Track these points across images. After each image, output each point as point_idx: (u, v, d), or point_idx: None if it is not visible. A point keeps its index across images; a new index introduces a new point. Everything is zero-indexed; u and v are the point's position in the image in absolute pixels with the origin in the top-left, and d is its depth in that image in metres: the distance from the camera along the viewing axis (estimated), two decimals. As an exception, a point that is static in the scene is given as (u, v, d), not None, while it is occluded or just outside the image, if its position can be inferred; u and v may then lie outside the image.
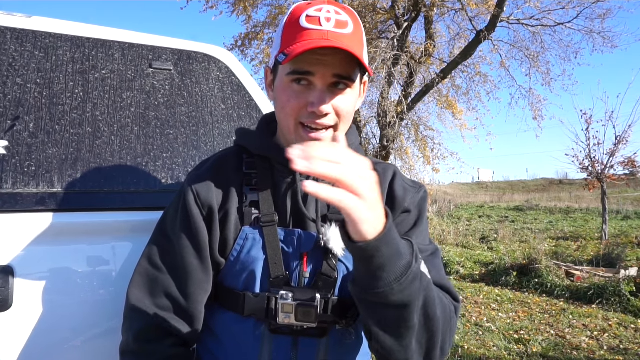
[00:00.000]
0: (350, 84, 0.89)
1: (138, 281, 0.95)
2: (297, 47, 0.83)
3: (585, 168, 10.76)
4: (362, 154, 1.02)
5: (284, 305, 0.89)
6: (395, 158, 10.27)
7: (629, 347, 4.00)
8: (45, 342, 1.07)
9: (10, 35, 1.19)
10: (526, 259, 6.59)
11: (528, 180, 47.52)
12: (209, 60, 1.45)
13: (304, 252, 0.94)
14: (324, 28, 0.85)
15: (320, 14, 0.87)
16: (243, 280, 0.94)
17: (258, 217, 0.94)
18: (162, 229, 0.98)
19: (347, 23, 0.88)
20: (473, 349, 3.89)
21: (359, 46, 0.89)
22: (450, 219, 15.54)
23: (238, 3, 9.73)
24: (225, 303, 0.97)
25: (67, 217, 1.11)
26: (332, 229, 0.91)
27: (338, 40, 0.84)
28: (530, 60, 9.79)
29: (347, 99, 0.89)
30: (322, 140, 0.90)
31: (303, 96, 0.87)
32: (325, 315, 0.91)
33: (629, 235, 10.18)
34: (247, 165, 0.99)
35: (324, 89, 0.87)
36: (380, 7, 9.44)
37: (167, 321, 0.92)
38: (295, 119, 0.89)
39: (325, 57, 0.84)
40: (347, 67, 0.87)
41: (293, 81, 0.88)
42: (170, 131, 1.31)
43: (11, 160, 1.09)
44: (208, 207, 0.93)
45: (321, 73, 0.86)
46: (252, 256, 0.93)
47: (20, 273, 1.04)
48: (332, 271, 0.93)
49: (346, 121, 0.92)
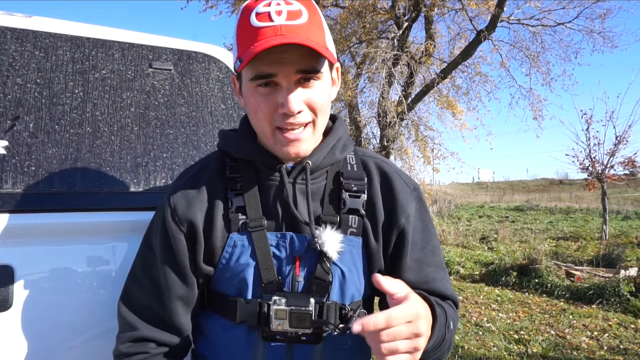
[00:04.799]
0: (317, 75, 0.85)
1: (125, 294, 0.95)
2: (252, 50, 0.79)
3: (586, 168, 10.76)
4: (352, 145, 1.00)
5: (277, 310, 0.85)
6: (395, 158, 10.27)
7: (628, 347, 4.00)
8: (46, 342, 1.07)
9: (10, 35, 1.19)
10: (526, 259, 6.59)
11: (528, 180, 47.52)
12: (209, 60, 1.45)
13: (297, 255, 0.91)
14: (275, 23, 0.81)
15: (270, 8, 0.82)
16: (234, 286, 0.91)
17: (245, 222, 0.90)
18: (148, 240, 0.96)
19: (300, 12, 0.83)
20: (473, 349, 3.88)
21: (317, 34, 0.84)
22: (450, 219, 15.53)
23: (238, 3, 9.73)
24: (218, 309, 0.95)
25: (67, 217, 1.11)
26: (327, 232, 0.89)
27: (293, 33, 0.80)
28: (531, 60, 9.80)
29: (317, 92, 0.86)
30: (300, 140, 0.87)
31: (271, 98, 0.84)
32: (320, 321, 0.88)
33: (629, 236, 10.18)
34: (231, 169, 0.95)
35: (291, 87, 0.83)
36: (380, 7, 9.43)
37: (154, 333, 0.92)
38: (269, 124, 0.86)
39: (284, 54, 0.80)
40: (310, 60, 0.83)
41: (258, 85, 0.84)
42: (170, 131, 1.31)
43: (11, 160, 1.09)
44: (187, 222, 0.90)
45: (283, 72, 0.82)
46: (241, 263, 0.90)
47: (20, 273, 1.04)
48: (327, 274, 0.90)
49: (323, 114, 0.89)
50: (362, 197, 0.94)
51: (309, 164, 0.92)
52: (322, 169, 0.95)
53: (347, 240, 0.91)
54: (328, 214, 0.92)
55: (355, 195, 0.94)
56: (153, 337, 0.92)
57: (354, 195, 0.94)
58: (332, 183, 0.96)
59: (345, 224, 0.93)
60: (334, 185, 0.95)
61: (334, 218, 0.92)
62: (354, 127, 10.02)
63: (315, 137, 0.91)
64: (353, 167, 0.98)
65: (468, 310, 5.17)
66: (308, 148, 0.90)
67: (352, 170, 0.97)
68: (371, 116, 10.27)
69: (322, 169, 0.95)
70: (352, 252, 0.92)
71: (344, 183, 0.94)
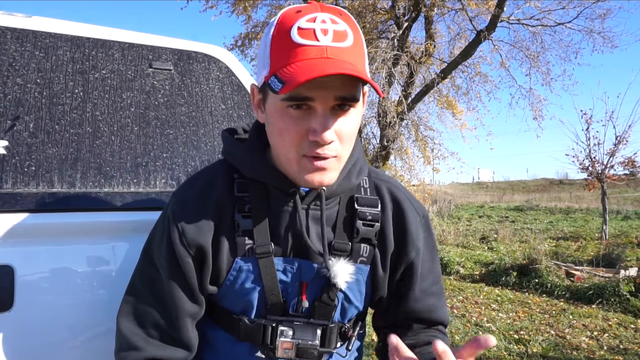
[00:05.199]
0: (354, 104, 0.79)
1: (127, 310, 0.90)
2: (295, 71, 0.72)
3: (586, 168, 10.76)
4: (367, 168, 0.96)
5: (283, 342, 0.87)
6: (395, 158, 10.27)
7: (628, 347, 4.00)
8: (46, 342, 1.08)
9: (10, 35, 1.19)
10: (526, 259, 6.59)
11: (528, 180, 47.50)
12: (209, 60, 1.45)
13: (304, 281, 0.89)
14: (321, 43, 0.74)
15: (315, 25, 0.75)
16: (239, 306, 0.91)
17: (252, 247, 0.87)
18: (149, 254, 0.91)
19: (346, 33, 0.77)
20: (473, 349, 3.88)
21: (361, 59, 0.79)
22: (450, 219, 15.53)
23: (238, 3, 9.74)
24: (222, 324, 0.94)
25: (67, 217, 1.11)
26: (340, 263, 0.87)
27: (339, 58, 0.74)
28: (531, 60, 9.79)
29: (351, 121, 0.80)
30: (327, 170, 0.81)
31: (302, 122, 0.77)
32: (325, 350, 0.90)
33: (629, 235, 10.18)
34: (239, 187, 0.89)
35: (326, 114, 0.76)
36: (380, 7, 9.44)
37: (161, 351, 0.89)
38: (297, 151, 0.79)
39: (326, 78, 0.72)
40: (350, 87, 0.76)
41: (289, 106, 0.77)
42: (170, 131, 1.31)
43: (11, 160, 1.10)
44: (196, 247, 0.86)
45: (322, 97, 0.75)
46: (246, 288, 0.88)
47: (20, 273, 1.04)
48: (332, 301, 0.90)
49: (350, 144, 0.83)
50: (375, 226, 0.91)
51: (324, 191, 0.87)
52: (337, 195, 0.91)
53: (356, 269, 0.90)
54: (340, 242, 0.89)
55: (369, 224, 0.91)
56: (162, 356, 0.89)
57: (367, 224, 0.91)
58: (345, 209, 0.92)
59: (356, 253, 0.91)
60: (347, 212, 0.92)
61: (346, 246, 0.90)
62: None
63: (340, 166, 0.85)
64: (367, 191, 0.95)
65: (468, 310, 5.17)
66: (333, 178, 0.84)
67: (365, 195, 0.94)
68: (371, 116, 10.27)
69: (337, 195, 0.91)
70: (359, 279, 0.92)
71: (359, 211, 0.91)
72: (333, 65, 0.73)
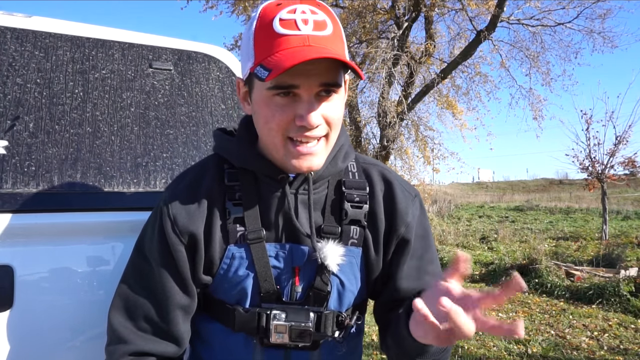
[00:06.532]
0: (337, 89, 0.83)
1: (118, 304, 0.91)
2: (279, 59, 0.76)
3: (586, 168, 10.75)
4: (353, 153, 0.99)
5: (277, 325, 0.87)
6: (395, 158, 10.28)
7: (629, 347, 4.00)
8: (46, 342, 1.08)
9: (10, 35, 1.19)
10: (526, 259, 6.59)
11: (528, 180, 47.51)
12: (209, 60, 1.45)
13: (296, 266, 0.91)
14: (302, 32, 0.78)
15: (295, 15, 0.79)
16: (233, 295, 0.91)
17: (244, 234, 0.89)
18: (141, 249, 0.93)
19: (326, 23, 0.81)
20: (473, 349, 3.89)
21: (341, 46, 0.83)
22: (450, 219, 15.54)
23: (238, 3, 9.73)
24: (216, 315, 0.94)
25: (67, 217, 1.11)
26: (329, 245, 0.88)
27: (320, 45, 0.78)
28: (531, 60, 9.80)
29: (335, 105, 0.84)
30: (313, 154, 0.84)
31: (288, 109, 0.81)
32: (320, 334, 0.90)
33: (629, 236, 10.17)
34: (229, 177, 0.92)
35: (311, 100, 0.80)
36: (380, 7, 9.43)
37: (150, 345, 0.89)
38: (282, 134, 0.83)
39: (310, 65, 0.76)
40: (333, 74, 0.81)
41: (275, 95, 0.80)
42: (170, 131, 1.31)
43: (11, 160, 1.10)
44: (188, 234, 0.87)
45: (307, 84, 0.79)
46: (240, 275, 0.89)
47: (20, 273, 1.04)
48: (325, 285, 0.90)
49: (337, 128, 0.87)
50: (364, 207, 0.93)
51: (312, 175, 0.90)
52: (324, 179, 0.94)
53: (347, 252, 0.91)
54: (329, 225, 0.91)
55: (357, 206, 0.93)
56: (151, 350, 0.89)
57: (355, 206, 0.93)
58: (334, 193, 0.94)
59: (346, 235, 0.92)
60: (336, 195, 0.94)
61: (335, 229, 0.91)
62: (354, 127, 10.02)
63: (327, 150, 0.88)
64: (354, 175, 0.97)
65: (468, 310, 5.16)
66: (320, 162, 0.87)
67: (353, 179, 0.96)
68: (371, 116, 10.28)
69: (324, 179, 0.94)
70: (351, 262, 0.93)
71: (346, 193, 0.93)
72: (316, 51, 0.76)
